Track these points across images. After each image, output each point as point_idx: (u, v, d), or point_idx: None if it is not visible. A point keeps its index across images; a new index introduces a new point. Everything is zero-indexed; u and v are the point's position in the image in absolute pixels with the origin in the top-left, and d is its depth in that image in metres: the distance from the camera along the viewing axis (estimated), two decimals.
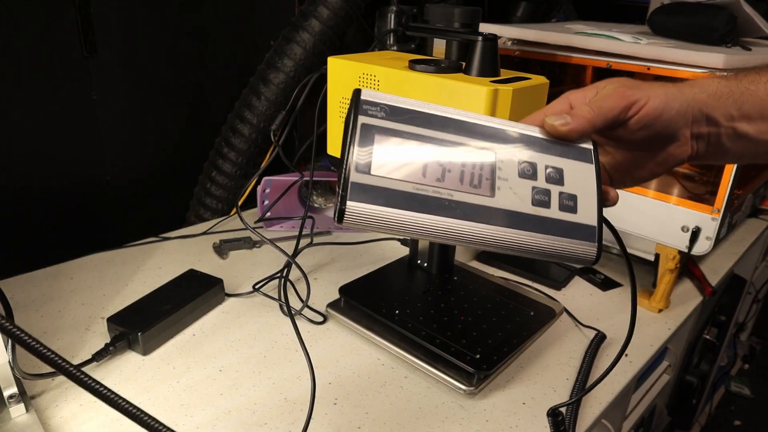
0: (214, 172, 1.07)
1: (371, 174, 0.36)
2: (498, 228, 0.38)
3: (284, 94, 1.04)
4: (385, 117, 0.38)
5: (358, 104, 0.38)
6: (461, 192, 0.38)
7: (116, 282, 0.85)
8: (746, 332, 1.79)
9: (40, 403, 0.62)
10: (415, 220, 0.36)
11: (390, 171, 0.37)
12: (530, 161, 0.40)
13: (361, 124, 0.37)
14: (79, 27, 0.90)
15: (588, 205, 0.40)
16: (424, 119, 0.39)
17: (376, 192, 0.36)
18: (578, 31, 0.93)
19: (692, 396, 1.34)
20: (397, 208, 0.36)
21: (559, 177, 0.40)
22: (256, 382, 0.67)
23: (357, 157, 0.36)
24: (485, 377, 0.67)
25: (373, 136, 0.37)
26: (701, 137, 0.44)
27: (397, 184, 0.37)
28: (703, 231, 0.80)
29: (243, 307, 0.81)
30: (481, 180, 0.39)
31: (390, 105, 0.39)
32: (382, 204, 0.36)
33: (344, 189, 0.36)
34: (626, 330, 0.82)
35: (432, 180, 0.37)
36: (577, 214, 0.39)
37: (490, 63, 0.66)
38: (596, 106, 0.41)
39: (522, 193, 0.39)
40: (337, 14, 1.01)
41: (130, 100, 1.00)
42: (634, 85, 0.42)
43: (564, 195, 0.40)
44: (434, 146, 0.38)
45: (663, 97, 0.41)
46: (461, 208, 0.37)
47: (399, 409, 0.64)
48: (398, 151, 0.38)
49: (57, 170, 0.94)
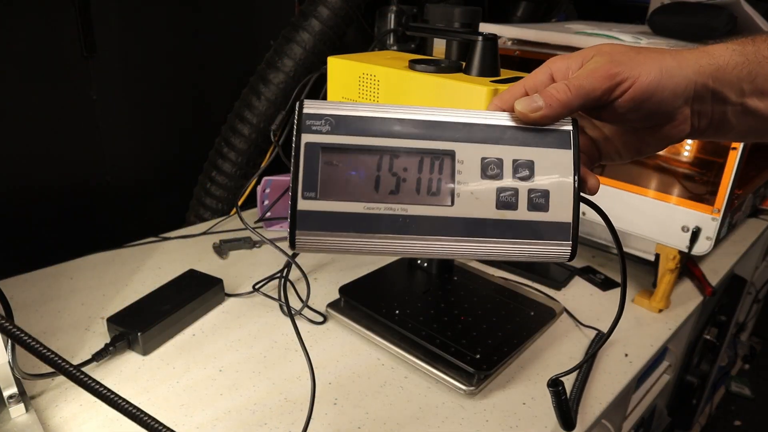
0: (214, 172, 1.07)
1: (318, 199, 0.34)
2: (458, 240, 0.35)
3: (284, 94, 1.04)
4: (332, 131, 0.35)
5: (300, 120, 0.35)
6: (417, 205, 0.35)
7: (116, 282, 0.85)
8: (746, 332, 1.79)
9: (39, 403, 0.62)
10: (368, 243, 0.35)
11: (339, 192, 0.34)
12: (496, 157, 0.36)
13: (305, 144, 0.34)
14: (79, 27, 0.89)
15: (562, 199, 0.36)
16: (376, 126, 0.35)
17: (326, 218, 0.34)
18: (578, 31, 0.93)
19: (692, 396, 1.34)
20: (348, 231, 0.34)
21: (528, 172, 0.36)
22: (256, 382, 0.67)
23: (303, 182, 0.34)
24: (485, 377, 0.67)
25: (318, 155, 0.34)
26: (703, 115, 0.39)
27: (346, 206, 0.34)
28: (703, 231, 0.80)
29: (243, 307, 0.81)
30: (439, 187, 0.35)
31: (336, 116, 0.35)
32: (333, 229, 0.34)
33: (292, 218, 0.34)
34: (627, 330, 0.83)
35: (385, 194, 0.35)
36: (549, 211, 0.36)
37: (490, 63, 0.65)
38: (575, 84, 0.36)
39: (485, 196, 0.36)
40: (337, 14, 1.01)
41: (130, 100, 1.00)
42: (624, 59, 0.36)
43: (534, 192, 0.36)
44: (388, 156, 0.35)
45: (656, 74, 0.36)
46: (417, 224, 0.35)
47: (399, 409, 0.64)
48: (347, 168, 0.35)
49: (56, 170, 0.94)
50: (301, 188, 0.34)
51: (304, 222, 0.34)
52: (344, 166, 0.35)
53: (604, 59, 0.37)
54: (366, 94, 0.72)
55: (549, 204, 0.36)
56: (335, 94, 0.76)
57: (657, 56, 0.36)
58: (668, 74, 0.36)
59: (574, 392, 0.67)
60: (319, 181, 0.34)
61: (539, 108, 0.36)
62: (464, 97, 0.63)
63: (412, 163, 0.35)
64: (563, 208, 0.36)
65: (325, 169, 0.34)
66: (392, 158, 0.35)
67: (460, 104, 0.63)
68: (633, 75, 0.36)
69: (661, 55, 0.36)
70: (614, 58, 0.36)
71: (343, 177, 0.35)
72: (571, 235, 0.36)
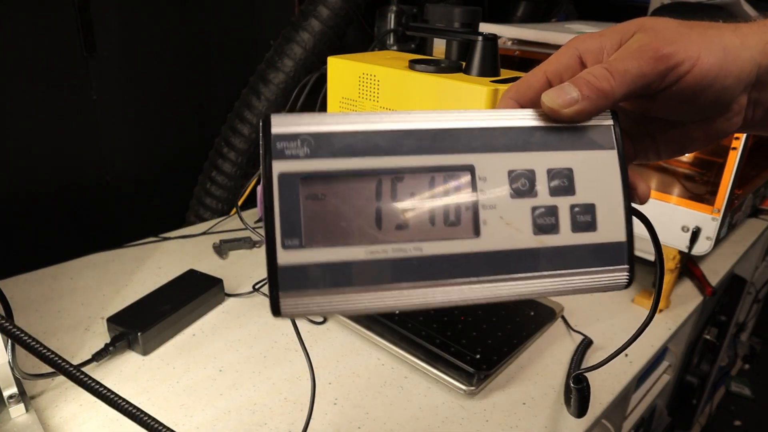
0: (214, 172, 1.07)
1: (304, 247, 0.26)
2: (489, 280, 0.28)
3: (284, 94, 1.04)
4: (312, 153, 0.27)
5: (268, 144, 0.26)
6: (433, 241, 0.27)
7: (116, 282, 0.85)
8: (747, 332, 1.79)
9: (39, 403, 0.62)
10: (375, 299, 0.27)
11: (330, 235, 0.26)
12: (525, 168, 0.29)
13: (278, 175, 0.26)
14: (79, 26, 0.89)
15: (611, 212, 0.29)
16: (370, 141, 0.27)
17: (317, 272, 0.26)
18: (578, 31, 0.93)
19: (692, 396, 1.34)
20: (349, 286, 0.26)
21: (567, 183, 0.29)
22: (256, 382, 0.67)
23: (282, 227, 0.26)
24: (485, 377, 0.67)
25: (297, 188, 0.26)
26: (760, 104, 0.31)
27: (342, 253, 0.27)
28: (703, 231, 0.80)
29: (243, 307, 0.81)
30: (459, 214, 0.28)
31: (315, 134, 0.27)
32: (328, 286, 0.26)
33: (272, 277, 0.26)
34: (627, 330, 0.82)
35: (391, 230, 0.27)
36: (597, 230, 0.29)
37: (490, 63, 0.66)
38: (618, 69, 0.28)
39: (518, 220, 0.28)
40: (336, 14, 1.01)
41: (130, 100, 1.00)
42: (676, 36, 0.29)
43: (577, 208, 0.29)
44: (389, 179, 0.27)
45: (719, 54, 0.28)
46: (436, 266, 0.27)
47: (399, 409, 0.64)
48: (338, 200, 0.27)
49: (56, 170, 0.94)
50: (279, 236, 0.26)
51: (289, 281, 0.26)
52: (333, 199, 0.27)
53: (649, 36, 0.29)
54: (366, 94, 0.72)
55: (596, 221, 0.29)
56: (335, 94, 0.76)
57: (716, 33, 0.29)
58: (732, 55, 0.29)
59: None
60: (303, 223, 0.26)
61: (574, 101, 0.29)
62: (464, 97, 0.63)
63: (420, 185, 0.28)
64: (614, 225, 0.29)
65: (308, 206, 0.26)
66: (395, 181, 0.27)
67: (460, 105, 0.63)
68: (691, 56, 0.28)
69: (719, 31, 0.29)
70: (663, 35, 0.29)
71: (333, 214, 0.27)
72: (627, 257, 0.30)
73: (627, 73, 0.28)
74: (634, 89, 0.29)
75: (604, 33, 0.31)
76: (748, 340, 1.91)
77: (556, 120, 0.30)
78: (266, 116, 0.27)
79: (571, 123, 0.30)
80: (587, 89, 0.29)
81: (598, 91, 0.28)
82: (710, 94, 0.29)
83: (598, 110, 0.29)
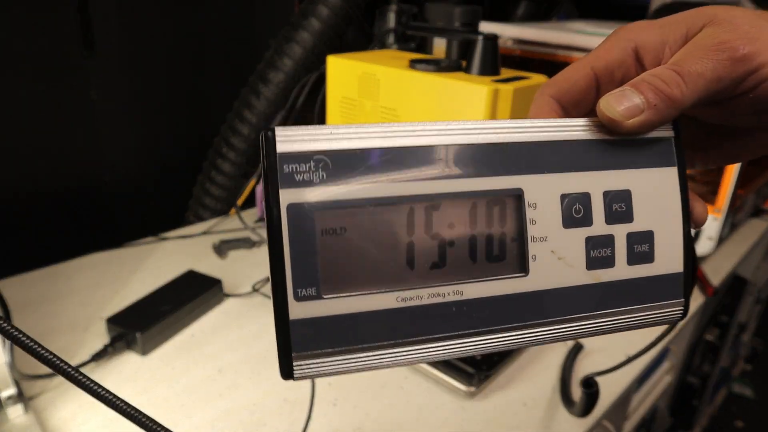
0: (213, 172, 1.07)
1: (322, 297, 0.22)
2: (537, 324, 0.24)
3: (284, 94, 1.03)
4: (329, 178, 0.22)
5: (273, 165, 0.21)
6: (475, 282, 0.23)
7: (115, 282, 0.85)
8: (748, 333, 1.79)
9: (38, 405, 0.61)
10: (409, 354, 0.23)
11: (354, 280, 0.22)
12: (581, 192, 0.25)
13: (287, 206, 0.21)
14: (78, 26, 0.89)
15: (669, 240, 0.26)
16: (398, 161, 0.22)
17: (337, 327, 0.22)
18: (579, 30, 0.93)
19: (694, 397, 1.34)
20: (378, 341, 0.22)
21: (626, 207, 0.25)
22: (255, 382, 0.66)
23: (293, 273, 0.21)
24: (485, 378, 0.66)
25: (313, 222, 0.21)
26: None
27: (368, 302, 0.22)
28: (704, 231, 0.80)
29: (242, 308, 0.81)
30: (504, 247, 0.24)
31: (332, 151, 0.22)
32: (354, 342, 0.22)
33: (283, 336, 0.22)
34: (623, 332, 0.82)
35: (425, 272, 0.23)
36: (655, 261, 0.26)
37: (490, 62, 0.65)
38: (691, 72, 0.23)
39: (571, 254, 0.25)
40: (336, 13, 1.01)
41: (129, 100, 1.00)
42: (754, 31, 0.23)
43: (635, 237, 0.25)
44: (422, 208, 0.23)
45: None
46: (478, 311, 0.23)
47: (399, 409, 0.64)
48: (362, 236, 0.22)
49: (55, 170, 0.94)
50: (291, 284, 0.21)
51: (304, 338, 0.22)
52: (356, 235, 0.22)
53: (724, 31, 0.24)
54: (366, 94, 0.72)
55: (654, 250, 0.26)
56: (335, 93, 0.76)
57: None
58: None
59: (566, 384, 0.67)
60: (320, 266, 0.22)
61: (638, 110, 0.24)
62: (464, 97, 0.63)
63: (460, 214, 0.23)
64: (671, 254, 0.26)
65: (326, 243, 0.22)
66: (429, 210, 0.23)
67: (461, 104, 0.63)
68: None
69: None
70: (739, 31, 0.24)
71: (356, 253, 0.22)
72: (683, 290, 0.26)
73: (702, 77, 0.23)
74: (706, 96, 0.24)
75: (665, 23, 0.26)
76: (750, 341, 1.91)
77: (615, 131, 0.25)
78: (268, 129, 0.21)
79: (632, 136, 0.25)
80: (654, 96, 0.24)
81: (668, 99, 0.24)
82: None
83: (665, 121, 0.25)
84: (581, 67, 0.27)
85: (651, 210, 0.26)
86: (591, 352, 0.74)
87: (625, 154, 0.25)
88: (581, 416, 0.55)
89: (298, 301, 0.22)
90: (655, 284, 0.26)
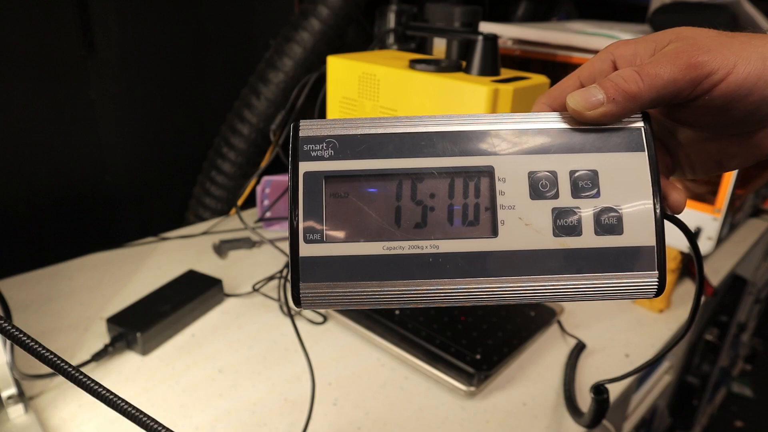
0: (213, 172, 1.07)
1: (325, 242, 0.28)
2: (507, 280, 0.28)
3: (284, 94, 1.03)
4: (336, 155, 0.29)
5: (296, 145, 0.29)
6: (451, 239, 0.29)
7: (115, 282, 0.85)
8: (748, 333, 1.79)
9: (38, 404, 0.61)
10: (392, 293, 0.28)
11: (351, 231, 0.28)
12: (547, 170, 0.29)
13: (304, 174, 0.29)
14: (78, 26, 0.89)
15: (639, 216, 0.29)
16: (390, 143, 0.29)
17: (336, 264, 0.28)
18: (579, 31, 0.93)
19: (693, 397, 1.34)
20: (366, 279, 0.28)
21: (591, 184, 0.29)
22: (255, 382, 0.66)
23: (304, 222, 0.28)
24: (485, 377, 0.66)
25: (322, 186, 0.29)
26: None
27: (361, 248, 0.28)
28: (704, 231, 0.80)
29: (242, 308, 0.81)
30: (477, 213, 0.29)
31: (339, 136, 0.29)
32: (346, 278, 0.28)
33: (294, 268, 0.28)
34: (628, 330, 0.82)
35: (409, 229, 0.29)
36: (624, 234, 0.29)
37: (490, 62, 0.65)
38: (649, 73, 0.28)
39: (538, 221, 0.29)
40: (336, 13, 1.01)
41: (129, 100, 1.00)
42: (714, 44, 0.28)
43: (602, 210, 0.29)
44: (410, 180, 0.29)
45: (757, 64, 0.27)
46: (452, 263, 0.28)
47: (399, 409, 0.64)
48: (359, 199, 0.29)
49: (55, 170, 0.94)
50: (302, 229, 0.28)
51: (310, 271, 0.28)
52: (355, 198, 0.29)
53: (685, 44, 0.28)
54: (366, 94, 0.72)
55: (623, 224, 0.29)
56: (335, 93, 0.76)
57: (758, 42, 0.28)
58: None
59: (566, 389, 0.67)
60: (325, 219, 0.29)
61: (599, 103, 0.28)
62: (464, 97, 0.63)
63: (440, 186, 0.29)
64: (642, 228, 0.29)
65: (331, 203, 0.29)
66: (415, 182, 0.29)
67: (461, 104, 0.63)
68: (726, 65, 0.27)
69: (765, 41, 0.28)
70: (700, 44, 0.28)
71: (354, 211, 0.29)
72: (656, 263, 0.29)
73: (657, 77, 0.28)
74: (664, 94, 0.28)
75: (639, 40, 0.31)
76: (749, 341, 1.91)
77: (582, 122, 0.29)
78: (296, 121, 0.30)
79: (597, 125, 0.29)
80: (614, 91, 0.28)
81: (625, 93, 0.28)
82: (746, 105, 0.28)
83: (625, 113, 0.29)
84: (570, 78, 0.32)
85: (620, 188, 0.29)
86: (593, 351, 0.74)
87: (595, 140, 0.29)
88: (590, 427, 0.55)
89: (306, 243, 0.28)
90: (625, 255, 0.29)
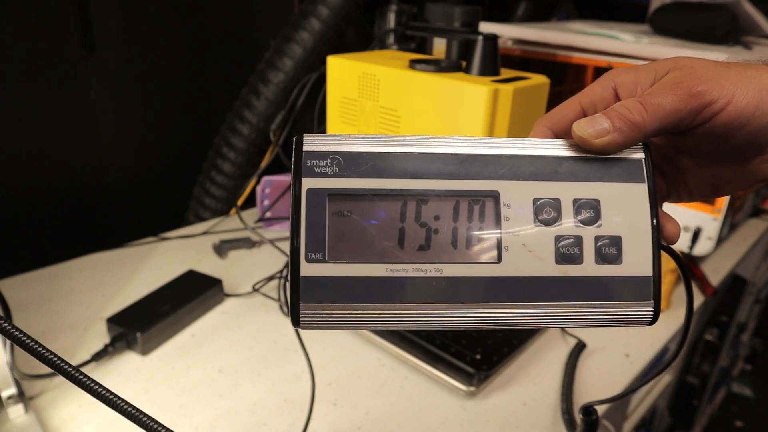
0: (213, 172, 1.07)
1: (327, 262, 0.28)
2: (508, 306, 0.29)
3: (284, 94, 1.03)
4: (339, 172, 0.28)
5: (299, 160, 0.28)
6: (454, 263, 0.28)
7: (115, 282, 0.85)
8: (748, 333, 1.79)
9: (38, 404, 0.61)
10: (393, 316, 0.28)
11: (353, 252, 0.28)
12: (552, 197, 0.29)
13: (307, 190, 0.28)
14: (78, 26, 0.89)
15: (638, 246, 0.29)
16: (397, 163, 0.29)
17: (338, 285, 0.28)
18: (579, 31, 0.93)
19: (693, 397, 1.34)
20: (368, 302, 0.28)
21: (594, 213, 0.29)
22: (255, 382, 0.66)
23: (306, 240, 0.28)
24: (486, 377, 0.66)
25: (325, 204, 0.28)
26: None
27: (363, 270, 0.28)
28: (704, 231, 0.80)
29: (242, 308, 0.81)
30: (482, 239, 0.29)
31: (344, 152, 0.29)
32: (348, 300, 0.28)
33: (294, 287, 0.28)
34: (628, 331, 0.82)
35: (413, 251, 0.28)
36: (623, 263, 0.29)
37: (490, 62, 0.65)
38: (652, 103, 0.29)
39: (541, 248, 0.29)
40: (336, 13, 1.01)
41: (129, 100, 1.00)
42: (712, 75, 0.29)
43: (602, 239, 0.29)
44: (414, 201, 0.29)
45: (755, 94, 0.28)
46: (455, 288, 0.28)
47: (399, 409, 0.64)
48: (363, 219, 0.28)
49: (55, 170, 0.94)
50: (304, 248, 0.28)
51: (310, 292, 0.28)
52: (359, 217, 0.28)
53: (684, 74, 0.29)
54: (366, 94, 0.72)
55: (622, 254, 0.29)
56: (335, 94, 0.76)
57: (754, 73, 0.29)
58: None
59: (563, 394, 0.67)
60: (327, 238, 0.28)
61: (605, 131, 0.29)
62: (464, 97, 0.63)
63: (445, 209, 0.29)
64: (640, 258, 0.29)
65: (334, 221, 0.28)
66: (419, 204, 0.29)
67: (461, 104, 0.63)
68: (725, 95, 0.28)
69: (758, 72, 0.29)
70: (698, 73, 0.29)
71: (357, 231, 0.28)
72: (652, 293, 0.29)
73: (660, 107, 0.29)
74: (666, 124, 0.29)
75: (639, 69, 0.32)
76: (749, 341, 1.91)
77: (587, 150, 0.30)
78: (300, 135, 0.29)
79: (602, 154, 0.30)
80: (619, 121, 0.29)
81: (630, 123, 0.29)
82: (744, 133, 0.29)
83: (630, 143, 0.29)
84: (571, 102, 0.33)
85: (620, 218, 0.29)
86: (593, 351, 0.74)
87: (598, 169, 0.30)
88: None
89: (308, 263, 0.28)
90: (623, 284, 0.29)
